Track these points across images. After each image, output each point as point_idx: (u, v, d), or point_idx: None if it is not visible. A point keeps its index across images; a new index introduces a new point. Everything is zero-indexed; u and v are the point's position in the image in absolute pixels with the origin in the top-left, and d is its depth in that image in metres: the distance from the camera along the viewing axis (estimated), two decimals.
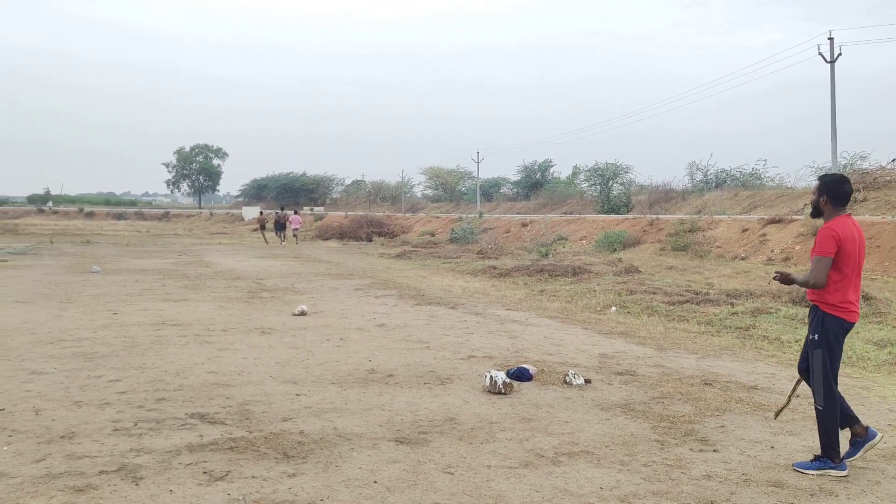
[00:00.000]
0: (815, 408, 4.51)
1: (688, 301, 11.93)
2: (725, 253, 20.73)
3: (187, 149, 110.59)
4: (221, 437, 4.92)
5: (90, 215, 77.62)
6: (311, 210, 68.10)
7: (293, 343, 8.46)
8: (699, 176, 43.39)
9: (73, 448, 4.64)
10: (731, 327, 9.76)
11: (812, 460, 4.51)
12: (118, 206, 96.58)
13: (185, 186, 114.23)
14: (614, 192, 43.69)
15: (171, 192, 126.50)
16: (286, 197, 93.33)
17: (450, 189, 76.45)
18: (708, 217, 24.62)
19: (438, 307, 11.81)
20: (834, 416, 4.43)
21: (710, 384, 6.66)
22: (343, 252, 28.18)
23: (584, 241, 27.72)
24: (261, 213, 43.58)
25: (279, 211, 37.82)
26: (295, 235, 33.72)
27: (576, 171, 58.65)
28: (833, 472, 4.40)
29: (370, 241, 36.59)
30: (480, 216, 42.38)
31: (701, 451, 4.84)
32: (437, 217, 48.03)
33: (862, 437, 4.49)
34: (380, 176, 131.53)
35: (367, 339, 8.83)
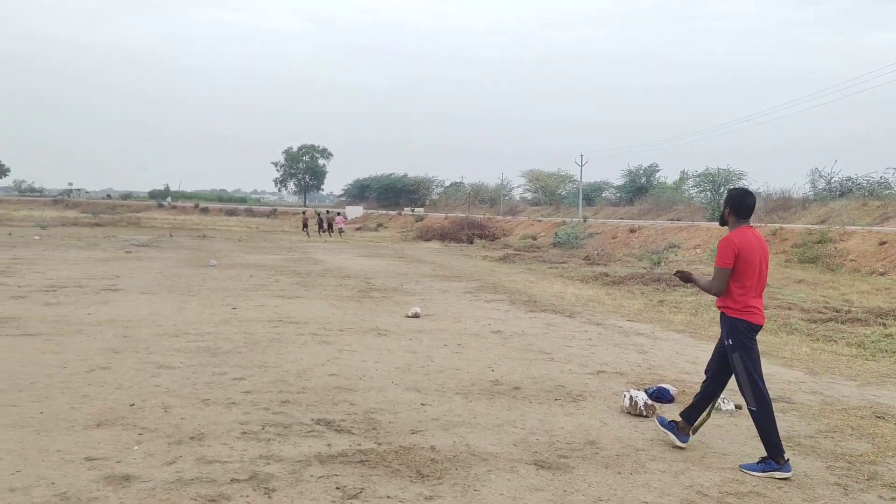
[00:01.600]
0: (749, 409, 4.57)
1: (830, 319, 10.89)
2: (861, 267, 19.07)
3: (295, 149, 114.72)
4: (350, 448, 4.65)
5: (204, 211, 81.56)
6: (412, 211, 68.78)
7: (410, 347, 8.19)
8: (822, 184, 40.64)
9: (204, 451, 4.48)
10: (888, 351, 8.76)
11: (758, 462, 4.50)
12: (230, 203, 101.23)
13: (291, 185, 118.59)
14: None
15: (279, 191, 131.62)
16: (388, 197, 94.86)
17: (549, 192, 75.35)
18: (839, 228, 22.79)
19: (554, 315, 11.30)
20: (769, 414, 4.47)
21: (883, 417, 5.86)
22: (445, 253, 28.03)
23: (698, 250, 26.34)
24: (303, 212, 50.80)
25: (324, 212, 45.97)
26: (340, 231, 41.19)
27: (683, 177, 56.36)
28: (778, 474, 4.39)
29: (471, 242, 36.32)
30: (585, 221, 41.26)
31: (893, 499, 4.15)
32: (539, 221, 47.26)
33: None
34: (478, 178, 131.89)
35: (485, 346, 8.45)
